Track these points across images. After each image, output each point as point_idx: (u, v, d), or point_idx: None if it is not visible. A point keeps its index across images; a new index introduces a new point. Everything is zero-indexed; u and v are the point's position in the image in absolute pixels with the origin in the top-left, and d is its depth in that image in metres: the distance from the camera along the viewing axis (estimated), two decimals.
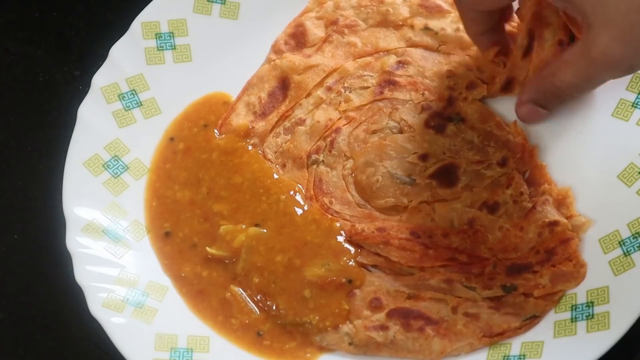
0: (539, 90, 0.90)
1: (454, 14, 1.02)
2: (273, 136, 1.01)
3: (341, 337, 0.90)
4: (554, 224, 0.90)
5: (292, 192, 0.97)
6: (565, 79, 0.84)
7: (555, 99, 0.89)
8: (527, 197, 0.92)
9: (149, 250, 0.97)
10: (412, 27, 1.02)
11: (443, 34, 1.01)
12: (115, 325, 0.89)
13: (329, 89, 1.02)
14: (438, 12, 1.03)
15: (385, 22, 1.03)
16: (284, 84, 1.03)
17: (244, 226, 0.95)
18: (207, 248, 0.95)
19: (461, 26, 1.01)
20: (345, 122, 0.99)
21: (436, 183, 0.94)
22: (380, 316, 0.89)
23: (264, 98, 1.03)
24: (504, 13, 0.94)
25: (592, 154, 0.94)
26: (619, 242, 0.88)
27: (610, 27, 0.76)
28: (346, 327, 0.90)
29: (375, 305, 0.90)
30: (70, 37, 1.13)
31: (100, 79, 1.01)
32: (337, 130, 0.99)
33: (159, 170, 1.01)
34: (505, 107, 0.98)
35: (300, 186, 0.98)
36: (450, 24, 1.02)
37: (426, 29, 1.02)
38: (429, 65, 1.00)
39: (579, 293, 0.88)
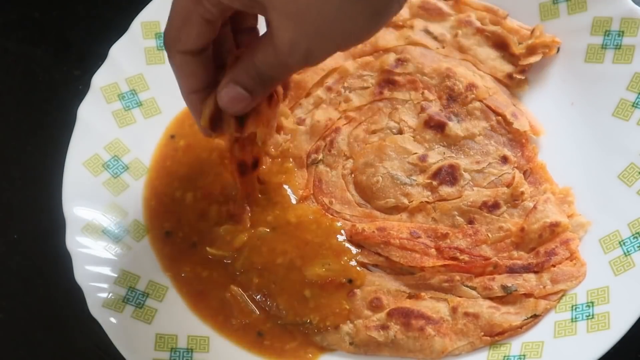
0: (242, 69, 0.79)
1: (454, 18, 1.02)
2: None
3: (342, 337, 0.90)
4: (554, 225, 0.90)
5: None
6: (264, 59, 0.76)
7: (257, 79, 0.79)
8: (527, 196, 0.93)
9: (149, 250, 0.97)
10: (411, 27, 1.02)
11: (442, 39, 1.02)
12: (115, 325, 0.89)
13: (329, 89, 1.01)
14: (438, 14, 1.03)
15: None
16: (283, 84, 1.03)
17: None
18: (207, 248, 0.95)
19: (460, 32, 1.01)
20: (345, 122, 0.99)
21: (436, 183, 0.94)
22: (381, 316, 0.89)
23: None
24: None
25: (592, 154, 0.94)
26: (619, 242, 0.88)
27: (281, 11, 0.70)
28: (347, 327, 0.90)
29: (375, 304, 0.90)
30: (70, 37, 1.13)
31: (100, 79, 1.01)
32: (337, 130, 0.99)
33: (159, 168, 1.00)
34: None
35: None
36: (450, 29, 1.02)
37: (426, 31, 1.02)
38: (427, 62, 1.00)
39: (579, 293, 0.88)
